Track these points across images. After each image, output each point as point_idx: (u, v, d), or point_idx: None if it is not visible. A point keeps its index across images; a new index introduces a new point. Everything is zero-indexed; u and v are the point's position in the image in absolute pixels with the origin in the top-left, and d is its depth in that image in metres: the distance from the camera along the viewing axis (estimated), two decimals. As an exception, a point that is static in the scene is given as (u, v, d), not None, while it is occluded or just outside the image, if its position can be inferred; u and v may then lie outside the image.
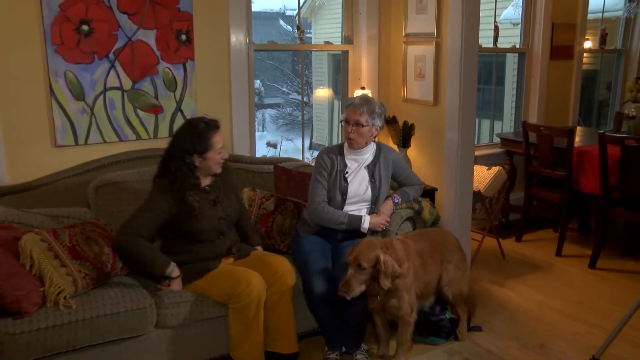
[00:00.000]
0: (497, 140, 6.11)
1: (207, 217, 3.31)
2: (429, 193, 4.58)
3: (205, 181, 3.39)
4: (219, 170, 3.37)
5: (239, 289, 3.12)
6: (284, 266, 3.36)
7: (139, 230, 3.13)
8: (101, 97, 3.88)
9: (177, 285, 3.23)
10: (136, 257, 3.15)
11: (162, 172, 3.32)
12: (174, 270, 3.20)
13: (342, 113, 3.70)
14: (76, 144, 3.85)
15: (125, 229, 3.14)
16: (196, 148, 3.23)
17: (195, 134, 3.24)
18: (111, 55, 3.86)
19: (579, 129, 6.22)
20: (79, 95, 3.80)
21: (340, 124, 3.73)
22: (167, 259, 3.20)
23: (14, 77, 3.60)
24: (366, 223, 3.52)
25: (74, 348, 2.86)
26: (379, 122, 3.58)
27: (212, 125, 3.30)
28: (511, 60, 7.31)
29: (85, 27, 3.74)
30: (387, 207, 3.66)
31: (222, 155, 3.33)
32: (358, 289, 3.12)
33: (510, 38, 6.44)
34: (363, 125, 3.52)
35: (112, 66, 3.88)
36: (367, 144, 3.60)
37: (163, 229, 3.25)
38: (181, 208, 3.23)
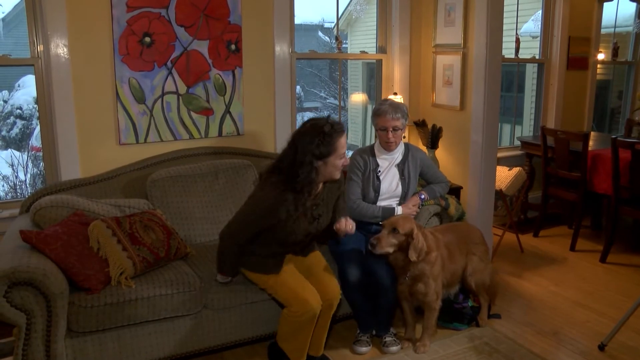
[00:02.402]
0: (517, 143, 6.04)
1: (300, 229, 2.96)
2: (455, 191, 4.54)
3: (316, 188, 2.97)
4: (337, 176, 2.95)
5: (295, 308, 2.94)
6: (333, 290, 3.11)
7: (241, 240, 2.95)
8: (159, 101, 3.93)
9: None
10: (220, 257, 3.05)
11: (275, 174, 2.91)
12: (227, 279, 3.16)
13: (372, 119, 3.64)
14: (137, 142, 3.90)
15: (231, 237, 2.95)
16: (321, 151, 2.81)
17: (321, 135, 2.81)
18: (169, 64, 3.91)
19: (592, 134, 6.11)
20: (140, 99, 3.85)
21: (372, 126, 3.70)
22: (235, 271, 3.11)
23: (87, 85, 3.71)
24: (399, 212, 3.52)
25: (134, 322, 2.91)
26: (406, 121, 3.58)
27: (337, 128, 2.87)
28: (531, 70, 7.21)
29: (147, 39, 3.80)
30: (412, 198, 3.65)
31: (343, 161, 2.92)
32: (386, 248, 3.17)
33: (530, 49, 6.35)
34: (400, 129, 3.52)
35: (170, 73, 3.92)
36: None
37: None
38: (283, 216, 2.86)
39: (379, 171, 3.59)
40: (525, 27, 7.43)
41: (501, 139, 7.25)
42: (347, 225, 3.05)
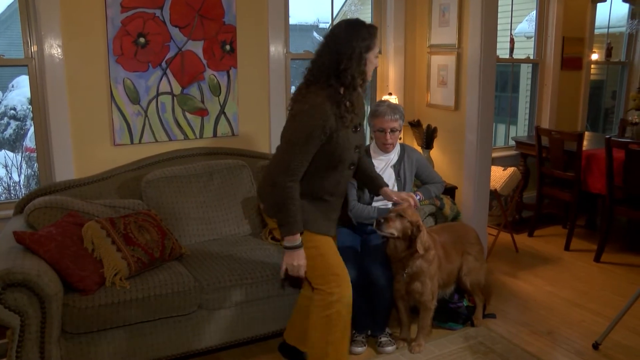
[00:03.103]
0: (512, 143, 6.05)
1: (349, 141, 2.70)
2: (450, 191, 4.55)
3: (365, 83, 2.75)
4: (369, 77, 2.73)
5: (330, 288, 2.74)
6: None
7: (297, 173, 2.60)
8: (154, 101, 3.92)
9: (297, 257, 2.68)
10: (283, 209, 2.62)
11: (312, 85, 2.66)
12: (296, 242, 2.66)
13: (370, 120, 3.63)
14: (132, 143, 3.89)
15: (286, 173, 2.58)
16: (367, 44, 2.60)
17: (365, 28, 2.62)
18: (163, 64, 3.90)
19: (587, 134, 6.12)
20: (135, 99, 3.84)
21: (368, 126, 3.71)
22: (301, 226, 2.66)
23: (82, 86, 3.69)
24: None
25: (129, 323, 2.91)
26: (403, 122, 3.59)
27: (374, 25, 2.68)
28: (525, 70, 7.21)
29: (142, 40, 3.78)
30: None
31: (376, 62, 2.73)
32: (392, 229, 3.15)
33: (525, 50, 6.36)
34: (398, 130, 3.52)
35: (164, 74, 3.91)
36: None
37: None
38: (332, 126, 2.59)
39: (375, 172, 3.58)
40: (519, 28, 7.44)
41: (496, 139, 7.26)
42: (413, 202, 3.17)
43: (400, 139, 3.80)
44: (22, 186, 6.76)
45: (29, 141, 7.21)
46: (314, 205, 2.77)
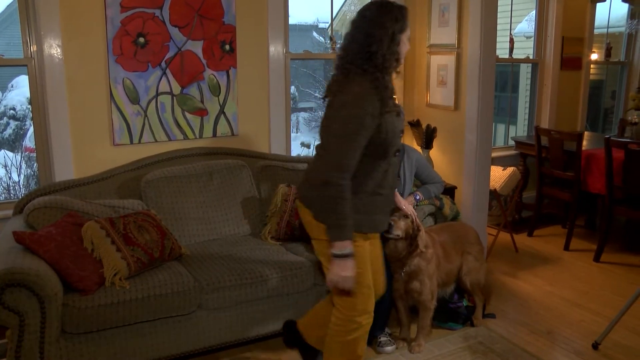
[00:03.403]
0: (512, 143, 6.05)
1: (395, 125, 2.52)
2: (450, 191, 4.53)
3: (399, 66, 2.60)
4: (402, 60, 2.59)
5: (357, 308, 2.59)
6: (380, 288, 2.89)
7: (351, 167, 2.39)
8: (154, 101, 3.92)
9: (346, 268, 2.41)
10: (334, 206, 2.38)
11: (351, 66, 2.48)
12: (347, 249, 2.39)
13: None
14: (131, 143, 3.89)
15: (339, 169, 2.37)
16: (401, 25, 2.48)
17: (397, 9, 2.50)
18: (163, 64, 3.90)
19: (586, 133, 6.12)
20: (135, 99, 3.84)
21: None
22: (351, 231, 2.42)
23: (81, 86, 3.69)
24: None
25: (129, 323, 2.90)
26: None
27: (405, 6, 2.56)
28: (525, 70, 7.23)
29: (141, 40, 3.78)
30: (407, 198, 3.65)
31: (408, 46, 2.60)
32: (400, 230, 3.16)
33: (524, 50, 6.36)
34: None
35: (164, 73, 3.91)
36: None
37: None
38: (379, 111, 2.43)
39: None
40: (519, 28, 7.45)
41: (495, 138, 7.26)
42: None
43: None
44: (21, 186, 6.77)
45: (29, 141, 7.22)
46: (370, 202, 2.57)
